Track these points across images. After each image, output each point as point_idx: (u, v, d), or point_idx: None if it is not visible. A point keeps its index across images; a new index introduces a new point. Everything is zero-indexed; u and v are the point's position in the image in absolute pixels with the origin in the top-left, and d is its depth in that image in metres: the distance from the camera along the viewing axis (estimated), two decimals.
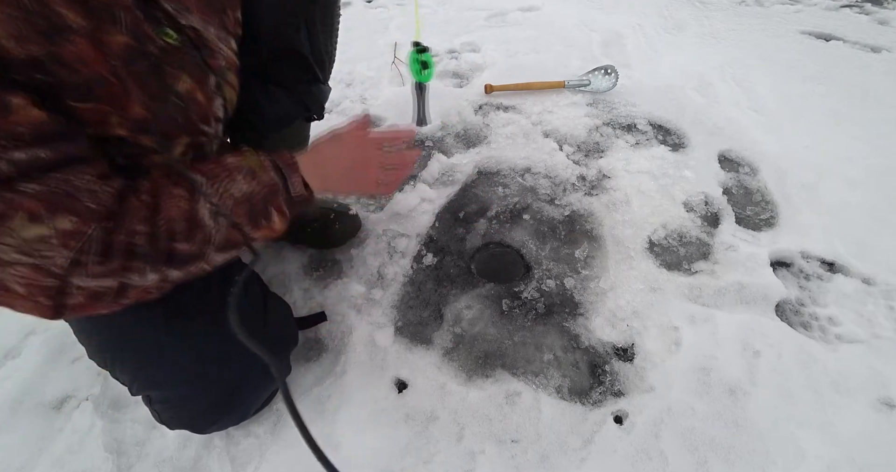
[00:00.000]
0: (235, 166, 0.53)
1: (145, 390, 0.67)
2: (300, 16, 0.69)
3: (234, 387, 0.68)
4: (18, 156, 0.37)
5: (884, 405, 0.81)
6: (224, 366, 0.66)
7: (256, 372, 0.69)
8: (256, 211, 0.54)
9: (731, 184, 1.20)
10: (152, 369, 0.64)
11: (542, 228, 1.09)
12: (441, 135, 1.34)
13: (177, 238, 0.47)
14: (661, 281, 0.98)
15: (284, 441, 0.77)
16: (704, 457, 0.75)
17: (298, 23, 0.70)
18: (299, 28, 0.70)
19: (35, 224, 0.39)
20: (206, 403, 0.67)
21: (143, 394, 0.67)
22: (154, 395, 0.67)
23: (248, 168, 0.53)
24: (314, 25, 0.73)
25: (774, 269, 1.01)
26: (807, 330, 0.93)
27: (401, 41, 1.69)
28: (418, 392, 0.83)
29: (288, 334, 0.79)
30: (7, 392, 0.85)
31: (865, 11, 1.95)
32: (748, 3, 2.04)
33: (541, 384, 0.84)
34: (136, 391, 0.67)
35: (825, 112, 1.40)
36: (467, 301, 0.95)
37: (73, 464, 0.77)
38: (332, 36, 0.79)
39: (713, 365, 0.85)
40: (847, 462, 0.75)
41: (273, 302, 0.77)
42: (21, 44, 0.36)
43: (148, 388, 0.66)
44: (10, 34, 0.36)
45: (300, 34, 0.70)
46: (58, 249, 0.40)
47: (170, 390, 0.65)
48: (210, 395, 0.66)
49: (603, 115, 1.38)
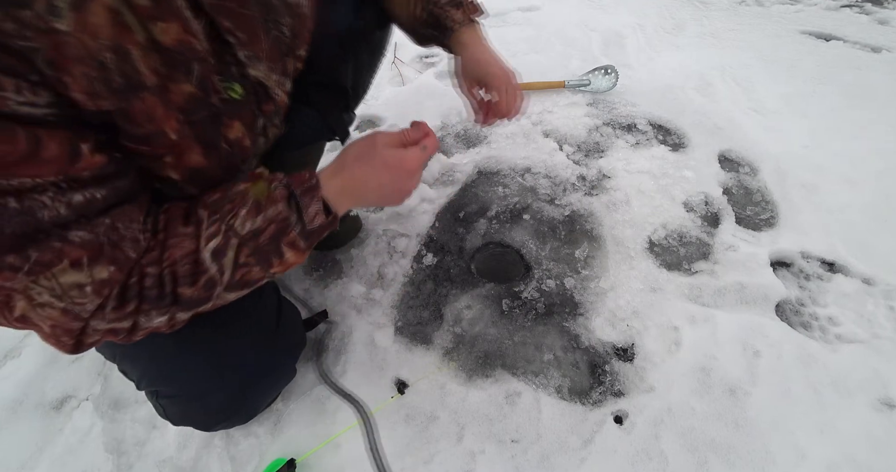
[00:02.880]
0: (240, 198, 0.47)
1: (155, 386, 0.66)
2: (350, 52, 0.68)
3: (247, 387, 0.68)
4: (77, 198, 0.37)
5: (884, 404, 0.81)
6: (239, 366, 0.66)
7: (269, 373, 0.69)
8: (264, 250, 0.48)
9: (731, 184, 1.20)
10: (167, 365, 0.63)
11: (542, 228, 1.09)
12: (441, 135, 1.34)
13: (180, 282, 0.45)
14: (661, 281, 0.98)
15: (284, 441, 0.77)
16: (704, 457, 0.75)
17: (348, 58, 0.69)
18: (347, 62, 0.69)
19: (75, 271, 0.39)
20: (218, 401, 0.67)
21: (151, 389, 0.67)
22: (164, 390, 0.66)
23: (254, 200, 0.47)
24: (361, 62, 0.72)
25: (774, 269, 1.01)
26: (807, 330, 0.93)
27: (401, 41, 1.69)
28: (418, 392, 0.83)
29: (298, 337, 0.79)
30: (7, 392, 0.85)
31: (865, 11, 1.95)
32: (748, 3, 2.04)
33: (541, 384, 0.84)
34: (145, 386, 0.66)
35: (825, 112, 1.40)
36: (467, 301, 0.95)
37: (73, 464, 0.77)
38: (375, 72, 0.79)
39: (713, 365, 0.85)
40: (847, 462, 0.75)
41: (286, 307, 0.77)
42: (93, 100, 0.36)
43: (159, 383, 0.65)
44: (84, 91, 0.35)
45: (347, 67, 0.70)
46: (90, 296, 0.40)
47: (183, 386, 0.65)
48: (223, 393, 0.66)
49: (603, 115, 1.38)
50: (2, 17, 0.31)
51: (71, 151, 0.36)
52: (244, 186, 0.48)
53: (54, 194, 0.36)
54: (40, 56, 0.33)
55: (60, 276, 0.38)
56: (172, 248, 0.44)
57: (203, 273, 0.45)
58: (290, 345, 0.76)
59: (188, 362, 0.63)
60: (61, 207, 0.36)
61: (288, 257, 0.50)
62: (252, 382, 0.68)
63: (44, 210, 0.35)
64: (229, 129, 0.48)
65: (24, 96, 0.32)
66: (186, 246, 0.44)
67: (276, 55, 0.50)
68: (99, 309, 0.41)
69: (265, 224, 0.47)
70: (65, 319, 0.40)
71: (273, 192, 0.48)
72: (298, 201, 0.49)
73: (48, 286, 0.38)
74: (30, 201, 0.34)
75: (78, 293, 0.39)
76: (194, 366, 0.63)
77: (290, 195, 0.49)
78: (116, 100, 0.38)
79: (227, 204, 0.47)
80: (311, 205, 0.50)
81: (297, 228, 0.49)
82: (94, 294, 0.40)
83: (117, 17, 0.35)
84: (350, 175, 0.54)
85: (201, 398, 0.65)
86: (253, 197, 0.47)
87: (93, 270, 0.39)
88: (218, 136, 0.47)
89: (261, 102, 0.51)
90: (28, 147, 0.33)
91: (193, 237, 0.45)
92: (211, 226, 0.45)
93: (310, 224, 0.50)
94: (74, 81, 0.35)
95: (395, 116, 1.39)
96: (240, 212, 0.47)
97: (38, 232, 0.36)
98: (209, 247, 0.45)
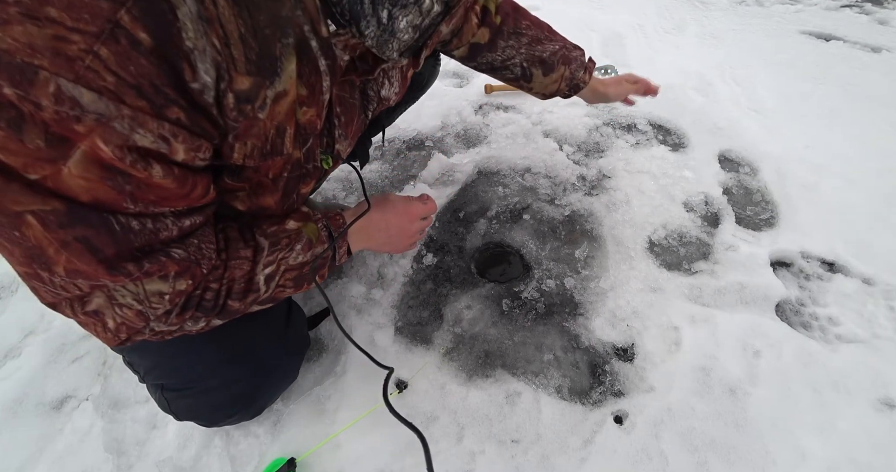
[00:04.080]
0: (296, 234, 0.57)
1: (163, 379, 0.65)
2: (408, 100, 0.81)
3: (257, 383, 0.68)
4: (186, 223, 0.44)
5: (884, 404, 0.81)
6: (250, 362, 0.66)
7: (277, 371, 0.69)
8: (303, 277, 0.58)
9: (731, 184, 1.20)
10: (177, 358, 0.63)
11: (542, 228, 1.09)
12: (441, 135, 1.34)
13: (232, 297, 0.52)
14: (662, 281, 0.98)
15: (284, 441, 0.77)
16: (704, 457, 0.75)
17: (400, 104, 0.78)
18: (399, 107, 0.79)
19: (162, 281, 0.44)
20: (228, 397, 0.66)
21: (157, 382, 0.66)
22: (170, 383, 0.65)
23: (308, 239, 0.58)
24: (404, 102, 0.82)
25: (774, 269, 1.01)
26: (807, 330, 0.93)
27: None
28: (418, 392, 0.83)
29: (304, 336, 0.80)
30: (7, 392, 0.85)
31: (865, 11, 1.96)
32: (748, 3, 2.04)
33: (541, 384, 0.84)
34: (152, 379, 0.66)
35: (825, 112, 1.40)
36: (467, 301, 0.95)
37: (73, 464, 0.77)
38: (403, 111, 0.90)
39: (713, 365, 0.85)
40: (847, 462, 0.75)
41: (294, 306, 0.77)
42: (244, 160, 0.44)
43: (167, 376, 0.65)
44: (244, 155, 0.44)
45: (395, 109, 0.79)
46: (166, 303, 0.45)
47: (192, 380, 0.64)
48: (233, 389, 0.66)
49: (603, 115, 1.38)
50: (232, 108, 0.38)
51: (205, 190, 0.44)
52: (296, 223, 0.58)
53: (174, 219, 0.42)
54: (232, 132, 0.40)
55: (148, 284, 0.43)
56: (234, 268, 0.51)
57: (253, 292, 0.53)
58: (298, 343, 0.76)
59: (199, 356, 0.63)
60: (175, 229, 0.43)
61: (315, 282, 0.60)
62: (261, 378, 0.68)
63: (164, 231, 0.42)
64: (306, 186, 0.59)
65: (203, 154, 0.39)
66: (245, 268, 0.52)
67: (358, 131, 0.62)
68: (165, 314, 0.47)
69: (312, 259, 0.58)
70: (136, 319, 0.45)
71: (320, 234, 0.60)
72: (335, 244, 0.61)
73: (133, 291, 0.43)
74: (160, 224, 0.41)
75: (157, 300, 0.45)
76: (205, 360, 0.63)
77: (329, 236, 0.61)
78: (261, 160, 0.46)
79: (284, 239, 0.56)
80: (342, 246, 0.64)
81: (330, 263, 0.62)
82: (169, 302, 0.46)
83: (293, 106, 0.44)
84: (367, 217, 0.67)
85: (209, 393, 0.65)
86: (307, 236, 0.58)
87: (176, 281, 0.45)
88: (296, 190, 0.57)
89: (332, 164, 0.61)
90: (188, 189, 0.41)
91: (252, 262, 0.52)
92: (270, 255, 0.54)
93: (339, 261, 0.64)
94: (242, 149, 0.43)
95: None
96: (295, 246, 0.56)
97: (154, 247, 0.42)
98: (265, 272, 0.54)
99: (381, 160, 1.26)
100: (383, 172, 1.22)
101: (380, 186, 1.19)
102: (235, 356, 0.65)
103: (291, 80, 0.41)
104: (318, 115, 0.48)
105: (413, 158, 1.27)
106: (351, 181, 1.20)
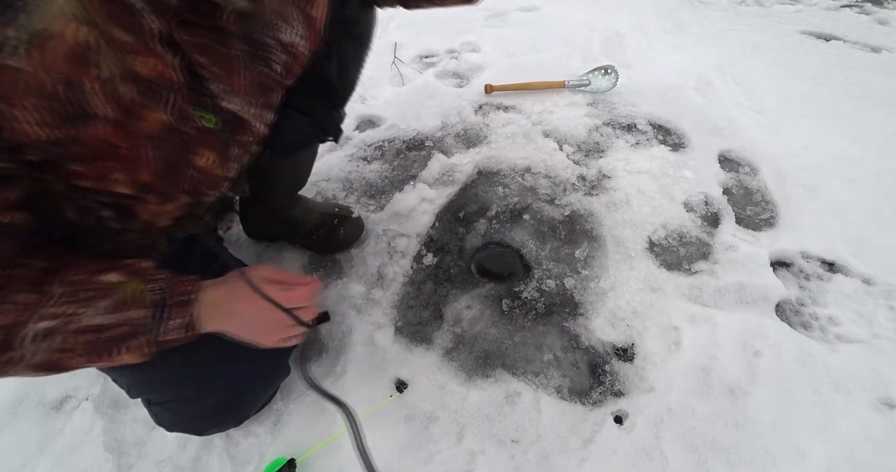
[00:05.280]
0: (105, 290, 0.46)
1: (143, 394, 0.67)
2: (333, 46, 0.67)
3: (234, 391, 0.68)
4: None
5: (884, 404, 0.81)
6: (225, 370, 0.65)
7: (260, 375, 0.69)
8: (100, 346, 0.46)
9: (731, 184, 1.20)
10: (153, 373, 0.63)
11: (542, 228, 1.09)
12: (441, 135, 1.34)
13: None
14: (661, 281, 0.98)
15: (284, 441, 0.77)
16: (704, 457, 0.75)
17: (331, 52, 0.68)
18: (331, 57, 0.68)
19: None
20: (206, 406, 0.67)
21: (142, 397, 0.67)
22: (153, 398, 0.67)
23: (121, 299, 0.46)
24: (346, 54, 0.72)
25: (774, 269, 1.01)
26: (807, 330, 0.93)
27: (401, 41, 1.69)
28: (418, 392, 0.83)
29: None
30: (7, 392, 0.85)
31: (865, 11, 1.96)
32: (748, 3, 2.04)
33: (541, 384, 0.84)
34: (135, 394, 0.67)
35: (825, 112, 1.40)
36: (467, 301, 0.95)
37: (73, 464, 0.77)
38: (361, 66, 0.78)
39: (713, 365, 0.85)
40: (847, 462, 0.75)
41: None
42: (43, 129, 0.36)
43: (146, 392, 0.66)
44: (35, 121, 0.36)
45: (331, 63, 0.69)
46: None
47: (169, 393, 0.65)
48: (210, 399, 0.66)
49: (603, 115, 1.38)
50: None
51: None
52: (118, 277, 0.47)
53: None
54: None
55: None
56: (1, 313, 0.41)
57: (11, 350, 0.42)
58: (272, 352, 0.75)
59: (173, 370, 0.63)
60: None
61: (123, 357, 0.48)
62: (242, 385, 0.68)
63: None
64: (200, 157, 0.48)
65: None
66: (11, 317, 0.41)
67: (257, 90, 0.50)
68: None
69: (118, 323, 0.46)
70: None
71: (143, 295, 0.47)
72: (164, 313, 0.48)
73: None
74: None
75: None
76: (180, 374, 0.63)
77: (160, 302, 0.48)
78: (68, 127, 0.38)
79: (88, 291, 0.45)
80: (175, 318, 0.49)
81: (150, 336, 0.48)
82: None
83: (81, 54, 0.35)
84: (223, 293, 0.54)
85: (189, 404, 0.65)
86: (121, 295, 0.46)
87: None
88: (186, 162, 0.47)
89: (235, 132, 0.51)
90: None
91: (26, 309, 0.42)
92: (56, 306, 0.43)
93: (163, 335, 0.49)
94: (24, 114, 0.35)
95: (394, 116, 1.39)
96: (98, 303, 0.45)
97: None
98: (39, 326, 0.42)
99: (381, 160, 1.26)
100: (383, 172, 1.22)
101: (380, 186, 1.19)
102: (210, 366, 0.64)
103: (62, 17, 0.34)
104: (164, 65, 0.40)
105: (413, 158, 1.27)
106: (351, 181, 1.20)
